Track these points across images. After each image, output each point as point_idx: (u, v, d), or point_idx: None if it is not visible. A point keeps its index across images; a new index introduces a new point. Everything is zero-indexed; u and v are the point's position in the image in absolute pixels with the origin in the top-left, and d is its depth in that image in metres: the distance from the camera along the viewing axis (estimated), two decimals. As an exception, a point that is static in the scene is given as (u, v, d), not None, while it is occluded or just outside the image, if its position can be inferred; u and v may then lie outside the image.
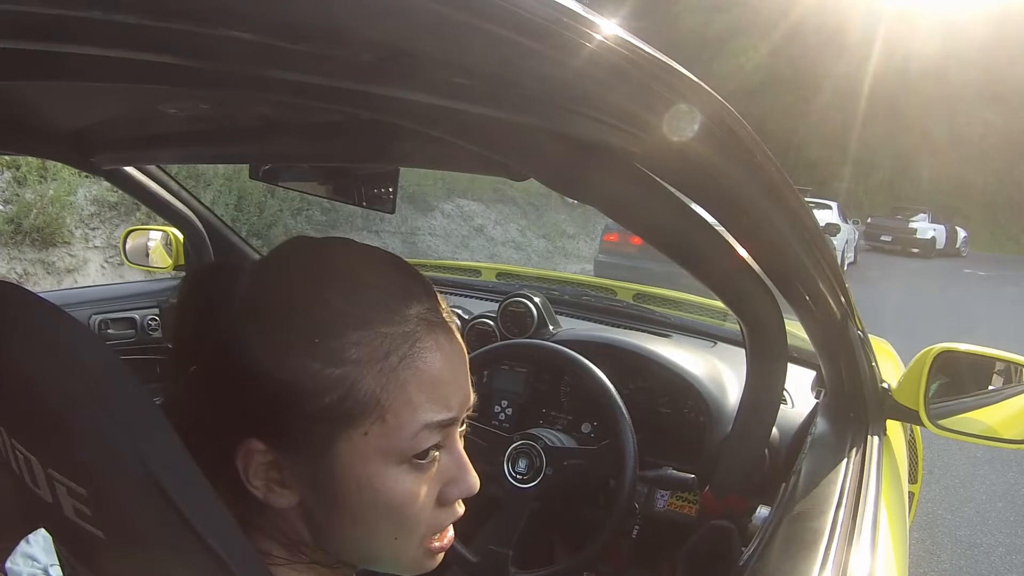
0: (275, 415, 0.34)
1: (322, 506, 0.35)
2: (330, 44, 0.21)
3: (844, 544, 0.60)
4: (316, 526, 0.36)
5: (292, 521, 0.36)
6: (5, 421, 0.30)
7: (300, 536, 0.36)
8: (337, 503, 0.35)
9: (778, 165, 0.45)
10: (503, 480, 0.94)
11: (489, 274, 1.73)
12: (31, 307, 0.29)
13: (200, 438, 0.32)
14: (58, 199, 3.68)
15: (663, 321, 1.32)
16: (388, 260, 0.38)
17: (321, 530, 0.36)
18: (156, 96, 0.50)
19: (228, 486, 0.33)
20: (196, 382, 0.35)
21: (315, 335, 0.33)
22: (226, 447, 0.34)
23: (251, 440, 0.34)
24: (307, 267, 0.36)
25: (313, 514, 0.36)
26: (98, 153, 0.77)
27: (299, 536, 0.36)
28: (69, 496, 0.28)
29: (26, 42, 0.20)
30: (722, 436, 0.98)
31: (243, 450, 0.34)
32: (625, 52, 0.28)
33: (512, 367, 1.17)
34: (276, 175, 0.71)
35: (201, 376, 0.35)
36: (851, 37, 16.76)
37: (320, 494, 0.35)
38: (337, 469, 0.34)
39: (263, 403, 0.33)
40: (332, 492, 0.35)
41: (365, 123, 0.49)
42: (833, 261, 0.65)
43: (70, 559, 0.34)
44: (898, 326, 4.46)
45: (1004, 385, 0.97)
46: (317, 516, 0.36)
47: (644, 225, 0.45)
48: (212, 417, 0.34)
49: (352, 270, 0.36)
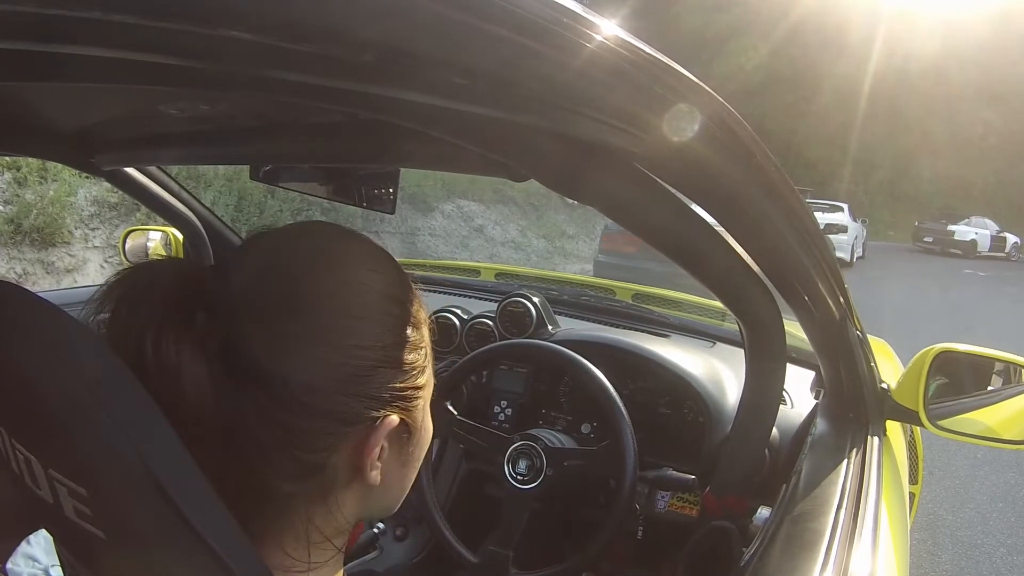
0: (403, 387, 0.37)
1: (400, 465, 0.39)
2: (330, 44, 0.21)
3: (845, 545, 0.60)
4: (373, 496, 0.38)
5: (341, 506, 0.36)
6: (5, 421, 0.30)
7: (338, 524, 0.37)
8: (414, 457, 0.39)
9: (778, 165, 0.45)
10: (503, 481, 0.94)
11: (488, 274, 1.74)
12: (31, 307, 0.29)
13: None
14: (58, 199, 3.68)
15: (662, 321, 1.32)
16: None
17: (377, 495, 0.38)
18: (156, 97, 0.50)
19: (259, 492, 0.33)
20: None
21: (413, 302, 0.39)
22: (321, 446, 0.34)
23: (391, 418, 0.35)
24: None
25: (383, 481, 0.37)
26: (98, 154, 0.77)
27: (338, 524, 0.37)
28: (70, 496, 0.28)
29: (26, 42, 0.20)
30: (722, 437, 0.98)
31: (383, 428, 0.35)
32: (625, 53, 0.28)
33: (511, 367, 1.17)
34: (276, 176, 0.71)
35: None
36: (851, 37, 16.77)
37: (403, 453, 0.38)
38: (425, 419, 0.39)
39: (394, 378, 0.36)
40: (415, 447, 0.39)
41: (365, 123, 0.49)
42: (832, 261, 0.65)
43: (71, 560, 0.34)
44: (899, 324, 4.52)
45: (1003, 385, 0.97)
46: (387, 481, 0.38)
47: (644, 225, 0.45)
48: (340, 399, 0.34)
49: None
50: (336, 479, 0.35)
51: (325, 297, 0.34)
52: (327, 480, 0.35)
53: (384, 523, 1.15)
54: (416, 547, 1.14)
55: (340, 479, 0.35)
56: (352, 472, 0.35)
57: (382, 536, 1.14)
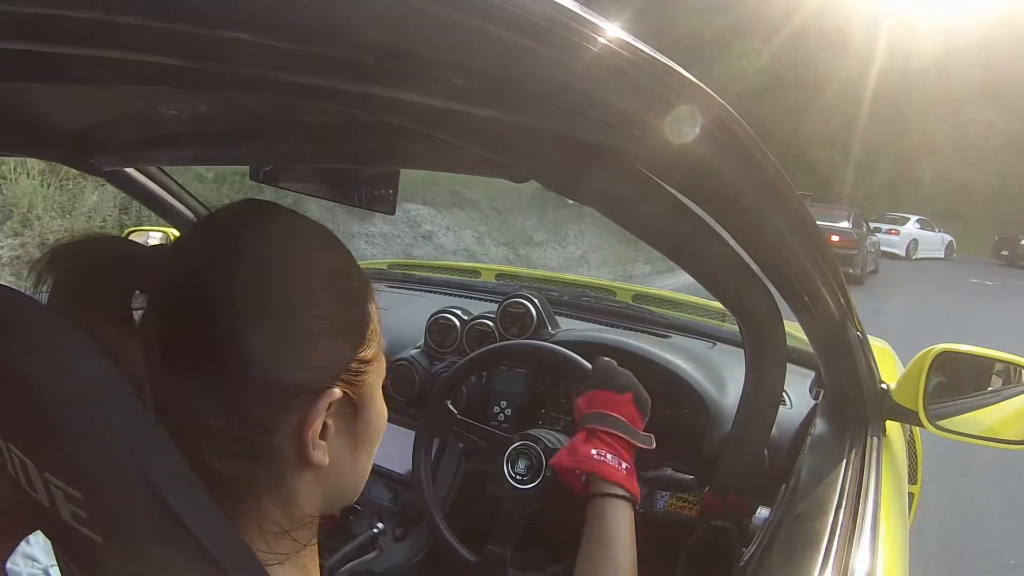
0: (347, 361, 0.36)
1: (350, 448, 0.38)
2: (330, 45, 0.21)
3: (845, 545, 0.60)
4: (327, 483, 0.37)
5: (295, 495, 0.36)
6: (1, 425, 0.30)
7: (293, 515, 0.36)
8: (364, 438, 0.39)
9: (778, 167, 0.45)
10: (502, 481, 0.94)
11: (489, 275, 1.74)
12: (26, 310, 0.29)
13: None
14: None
15: (662, 322, 1.32)
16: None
17: (331, 482, 0.37)
18: (156, 97, 0.50)
19: (218, 481, 0.33)
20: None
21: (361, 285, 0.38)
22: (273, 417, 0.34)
23: (333, 390, 0.35)
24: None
25: (334, 465, 0.36)
26: (98, 154, 0.77)
27: (292, 516, 0.36)
28: (66, 500, 0.28)
29: (26, 43, 0.20)
30: (722, 437, 0.98)
31: (324, 401, 0.34)
32: (626, 54, 0.28)
33: (511, 367, 1.17)
34: (276, 176, 0.71)
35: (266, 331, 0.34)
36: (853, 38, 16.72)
37: (351, 433, 0.38)
38: (374, 400, 0.39)
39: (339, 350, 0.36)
40: (364, 427, 0.38)
41: (366, 124, 0.49)
42: (832, 261, 0.65)
43: (68, 563, 0.34)
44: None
45: (1003, 385, 0.97)
46: (338, 465, 0.37)
47: (644, 226, 0.45)
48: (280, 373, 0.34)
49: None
50: (284, 462, 0.35)
51: (267, 270, 0.34)
52: (275, 463, 0.35)
53: (384, 523, 1.15)
54: (416, 547, 1.14)
55: (288, 462, 0.35)
56: (298, 452, 0.35)
57: (382, 536, 1.14)
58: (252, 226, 0.36)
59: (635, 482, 0.72)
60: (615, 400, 0.76)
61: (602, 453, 0.72)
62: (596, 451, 0.72)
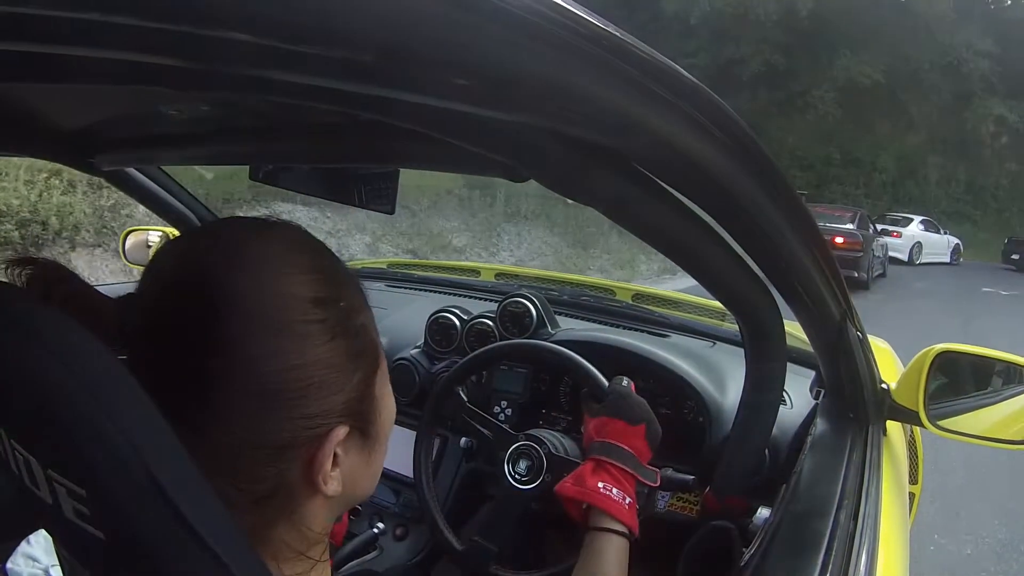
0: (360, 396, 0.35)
1: (363, 458, 0.37)
2: (330, 45, 0.21)
3: (845, 545, 0.60)
4: (341, 497, 0.36)
5: (309, 520, 0.35)
6: (4, 421, 0.30)
7: (308, 537, 0.36)
8: (376, 443, 0.37)
9: (776, 165, 0.45)
10: (502, 479, 0.94)
11: (488, 274, 1.74)
12: (30, 307, 0.29)
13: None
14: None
15: (662, 321, 1.32)
16: None
17: (345, 494, 0.36)
18: (156, 97, 0.50)
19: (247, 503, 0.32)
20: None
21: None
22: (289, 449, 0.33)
23: (336, 431, 0.34)
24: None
25: (348, 480, 0.36)
26: (98, 154, 0.77)
27: (307, 538, 0.36)
28: (69, 497, 0.28)
29: (26, 43, 0.20)
30: (722, 437, 0.98)
31: (329, 442, 0.33)
32: (624, 53, 0.28)
33: (511, 367, 1.17)
34: (276, 176, 0.71)
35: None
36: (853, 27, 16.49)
37: (363, 448, 0.37)
38: (384, 406, 0.38)
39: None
40: (376, 434, 0.37)
41: (365, 124, 0.49)
42: (832, 261, 0.65)
43: (70, 560, 0.34)
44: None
45: (1004, 385, 0.97)
46: (352, 478, 0.36)
47: (644, 226, 0.45)
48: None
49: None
50: (294, 497, 0.34)
51: (238, 317, 0.31)
52: (283, 501, 0.34)
53: (384, 523, 1.15)
54: (416, 547, 1.14)
55: (298, 495, 0.34)
56: (309, 487, 0.34)
57: (382, 536, 1.14)
58: (216, 262, 0.33)
59: (636, 518, 0.71)
60: (627, 432, 0.75)
61: (608, 487, 0.70)
62: (603, 484, 0.70)
